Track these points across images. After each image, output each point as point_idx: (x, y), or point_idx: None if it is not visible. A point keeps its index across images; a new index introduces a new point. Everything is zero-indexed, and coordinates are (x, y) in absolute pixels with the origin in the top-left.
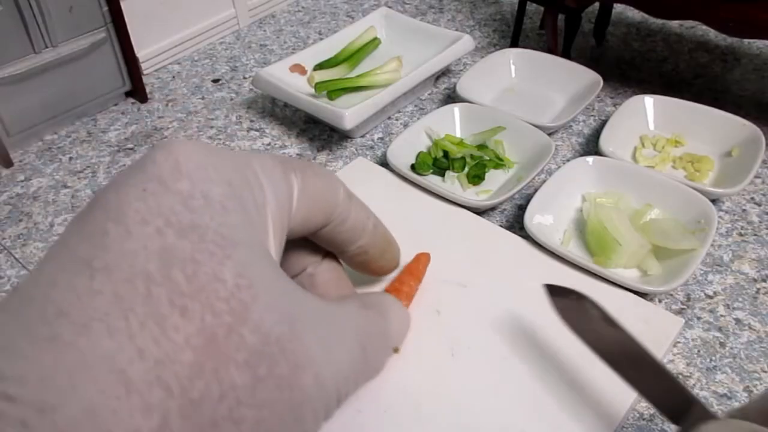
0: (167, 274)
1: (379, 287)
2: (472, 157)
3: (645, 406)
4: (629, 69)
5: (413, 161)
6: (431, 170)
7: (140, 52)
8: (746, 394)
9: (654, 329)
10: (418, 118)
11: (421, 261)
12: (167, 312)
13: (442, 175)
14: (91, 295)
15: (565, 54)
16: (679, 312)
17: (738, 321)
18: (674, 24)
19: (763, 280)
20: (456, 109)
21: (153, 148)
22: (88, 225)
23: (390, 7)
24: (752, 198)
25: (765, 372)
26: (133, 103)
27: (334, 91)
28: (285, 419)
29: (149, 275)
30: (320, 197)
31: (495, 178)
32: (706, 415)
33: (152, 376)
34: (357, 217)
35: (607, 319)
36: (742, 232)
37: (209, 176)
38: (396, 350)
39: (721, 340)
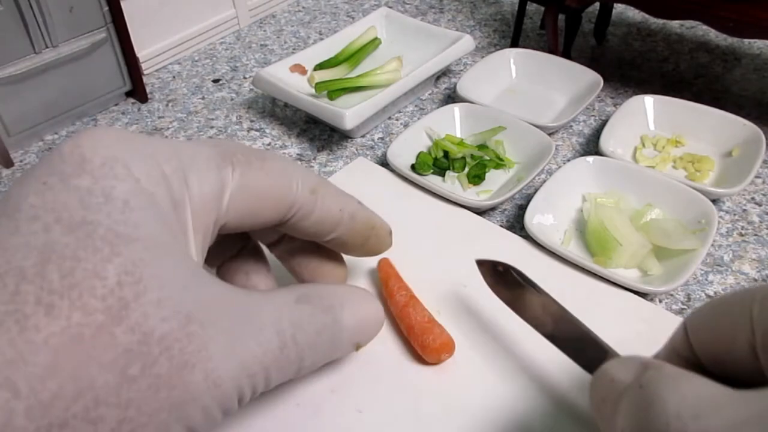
0: (41, 271)
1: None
2: (472, 157)
3: None
4: (630, 69)
5: (413, 161)
6: (431, 170)
7: (140, 52)
8: None
9: (654, 329)
10: (419, 118)
11: (383, 268)
12: (31, 311)
13: (443, 175)
14: None
15: (566, 54)
16: (680, 312)
17: None
18: (675, 24)
19: (764, 280)
20: (456, 109)
21: (68, 138)
22: None
23: (390, 7)
24: (753, 198)
25: None
26: (133, 103)
27: (334, 91)
28: (161, 418)
29: (22, 271)
30: (264, 193)
31: (495, 178)
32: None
33: (1, 378)
34: (325, 210)
35: (532, 284)
36: (743, 232)
37: (115, 173)
38: (357, 347)
39: None
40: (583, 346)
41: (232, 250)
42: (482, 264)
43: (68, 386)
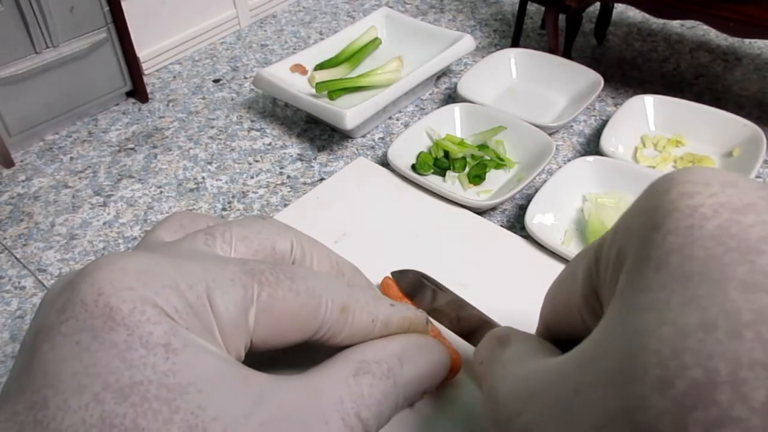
0: None
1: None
2: (472, 157)
3: None
4: (630, 69)
5: (414, 161)
6: (432, 170)
7: (141, 52)
8: None
9: None
10: (419, 118)
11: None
12: None
13: (443, 175)
14: None
15: (566, 54)
16: None
17: None
18: (675, 24)
19: None
20: (457, 109)
21: (83, 277)
22: (29, 385)
23: (391, 7)
24: None
25: None
26: (134, 103)
27: (334, 91)
28: None
29: None
30: (291, 316)
31: (496, 178)
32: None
33: None
34: (356, 326)
35: (438, 286)
36: None
37: (147, 317)
38: (424, 396)
39: None
40: (477, 324)
41: None
42: (395, 275)
43: None
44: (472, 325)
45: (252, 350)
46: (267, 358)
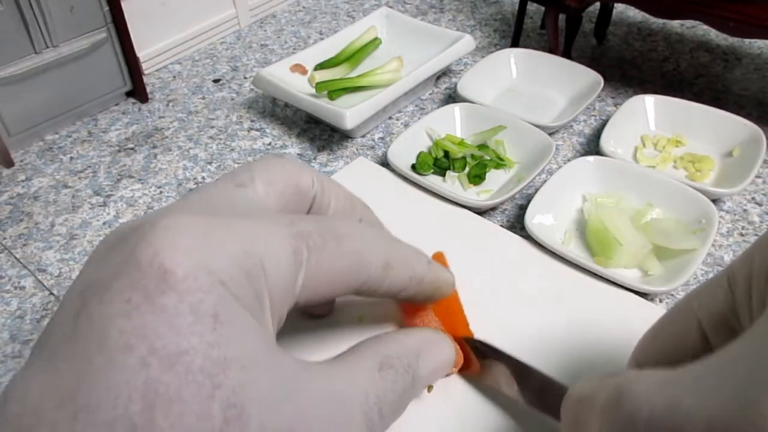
0: (150, 419)
1: None
2: (472, 156)
3: None
4: (630, 69)
5: (414, 161)
6: (432, 170)
7: (141, 52)
8: None
9: None
10: (419, 118)
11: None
12: None
13: (443, 175)
14: None
15: (566, 54)
16: None
17: None
18: (675, 24)
19: None
20: (457, 108)
21: (140, 235)
22: (73, 336)
23: (391, 7)
24: (753, 198)
25: None
26: (133, 103)
27: (334, 91)
28: None
29: (131, 420)
30: (337, 276)
31: (496, 178)
32: None
33: None
34: (395, 281)
35: (496, 351)
36: (743, 232)
37: (200, 284)
38: (430, 389)
39: None
40: (547, 393)
41: None
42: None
43: None
44: (537, 387)
45: (294, 307)
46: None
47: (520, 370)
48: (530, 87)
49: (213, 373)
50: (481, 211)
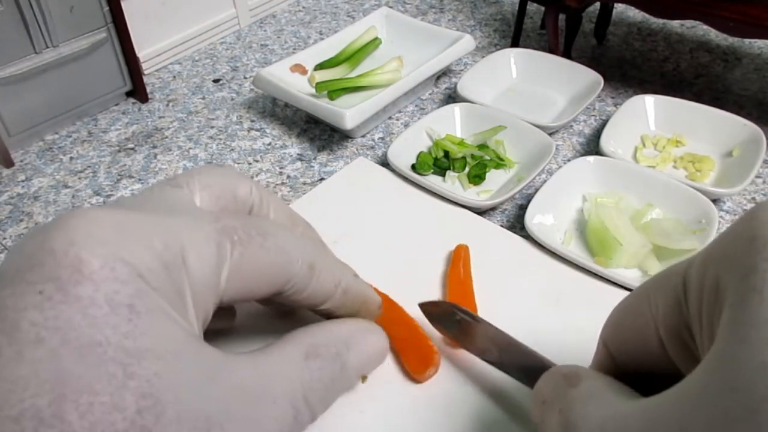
0: (58, 412)
1: None
2: (472, 156)
3: None
4: (630, 69)
5: (414, 161)
6: (432, 170)
7: (141, 52)
8: None
9: None
10: (419, 118)
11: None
12: None
13: (443, 175)
14: None
15: (566, 54)
16: None
17: None
18: (675, 24)
19: None
20: (457, 108)
21: (56, 225)
22: None
23: (391, 7)
24: (753, 198)
25: None
26: (133, 103)
27: (334, 91)
28: None
29: (38, 413)
30: (262, 272)
31: (496, 178)
32: None
33: None
34: (320, 286)
35: (471, 316)
36: None
37: (116, 275)
38: (363, 379)
39: None
40: (528, 366)
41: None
42: (424, 306)
43: None
44: (518, 364)
45: (221, 305)
46: (221, 331)
47: (504, 342)
48: (530, 87)
49: (126, 363)
50: (481, 211)
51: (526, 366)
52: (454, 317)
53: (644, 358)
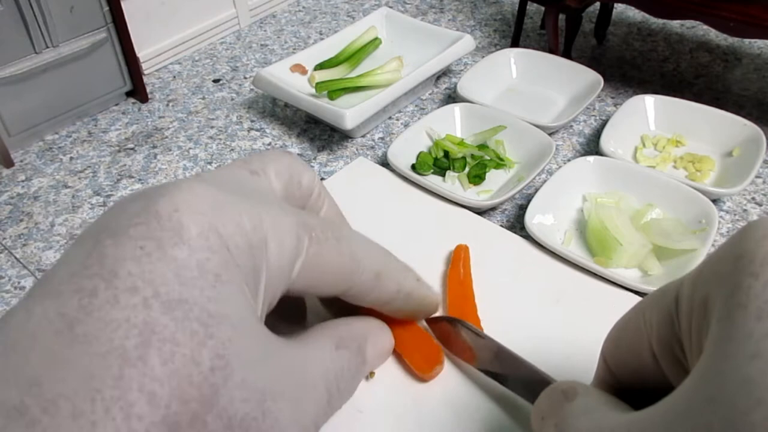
0: (143, 355)
1: None
2: (472, 156)
3: None
4: (630, 69)
5: (414, 161)
6: (432, 170)
7: (141, 52)
8: None
9: None
10: (419, 118)
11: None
12: (134, 398)
13: (443, 175)
14: (66, 366)
15: (566, 54)
16: None
17: None
18: (675, 24)
19: None
20: (457, 108)
21: (161, 193)
22: (82, 271)
23: (391, 7)
24: (753, 198)
25: None
26: (133, 103)
27: (334, 91)
28: None
29: (125, 354)
30: (331, 272)
31: (496, 178)
32: None
33: None
34: (383, 292)
35: (476, 332)
36: None
37: (210, 244)
38: (371, 375)
39: None
40: (531, 382)
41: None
42: (429, 321)
43: None
44: (517, 375)
45: (286, 294)
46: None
47: (508, 358)
48: (530, 87)
49: (207, 324)
50: (481, 211)
51: (529, 382)
52: (458, 332)
53: (641, 373)
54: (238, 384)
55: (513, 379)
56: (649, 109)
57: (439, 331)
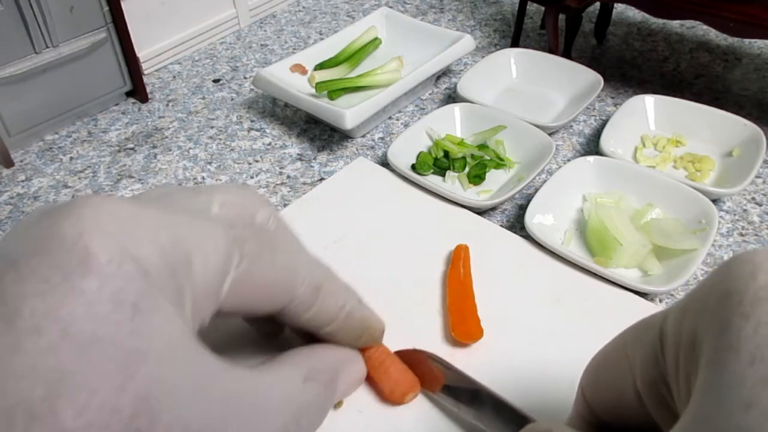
0: (52, 408)
1: None
2: (472, 156)
3: None
4: (630, 69)
5: (414, 161)
6: (432, 170)
7: (141, 52)
8: None
9: None
10: (419, 118)
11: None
12: None
13: (443, 175)
14: None
15: (566, 54)
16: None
17: None
18: (675, 24)
19: None
20: (457, 108)
21: (66, 212)
22: None
23: (391, 7)
24: (753, 198)
25: None
26: (133, 103)
27: (334, 91)
28: None
29: (31, 407)
30: (266, 288)
31: (496, 178)
32: None
33: None
34: (324, 308)
35: (444, 364)
36: (743, 232)
37: (123, 271)
38: (339, 404)
39: None
40: (505, 417)
41: None
42: (399, 354)
43: None
44: (493, 414)
45: (220, 316)
46: (220, 341)
47: (477, 393)
48: (530, 87)
49: (126, 365)
50: (481, 211)
51: (503, 420)
52: (429, 366)
53: (622, 410)
54: (166, 427)
55: (487, 417)
56: (649, 109)
57: (411, 365)
